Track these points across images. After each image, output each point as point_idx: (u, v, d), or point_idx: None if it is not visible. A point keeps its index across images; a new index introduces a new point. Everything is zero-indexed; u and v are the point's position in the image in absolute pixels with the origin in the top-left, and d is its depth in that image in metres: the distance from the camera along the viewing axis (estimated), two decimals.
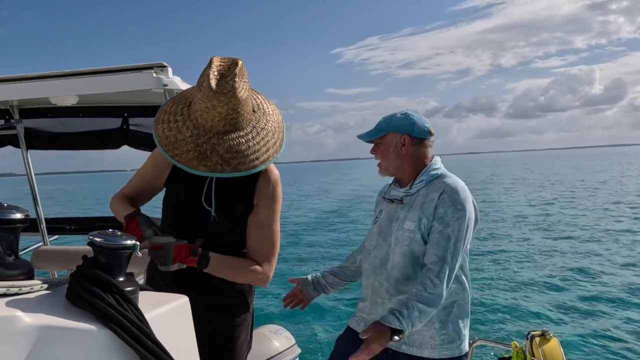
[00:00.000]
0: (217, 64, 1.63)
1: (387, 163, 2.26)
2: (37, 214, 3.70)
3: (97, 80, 2.43)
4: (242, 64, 1.64)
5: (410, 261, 2.15)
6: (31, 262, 3.28)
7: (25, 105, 3.35)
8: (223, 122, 1.61)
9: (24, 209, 1.09)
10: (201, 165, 1.60)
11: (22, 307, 0.96)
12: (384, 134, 2.24)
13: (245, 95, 1.62)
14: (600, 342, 6.39)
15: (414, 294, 2.03)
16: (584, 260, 11.45)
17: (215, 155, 1.60)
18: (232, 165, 1.61)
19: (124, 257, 1.09)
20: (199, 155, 1.60)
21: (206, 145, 1.60)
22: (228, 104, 1.58)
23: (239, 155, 1.62)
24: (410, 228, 2.15)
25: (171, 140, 1.64)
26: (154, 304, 1.11)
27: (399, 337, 1.98)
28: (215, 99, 1.57)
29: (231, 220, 1.87)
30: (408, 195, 2.22)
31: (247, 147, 1.64)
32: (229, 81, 1.58)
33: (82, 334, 0.95)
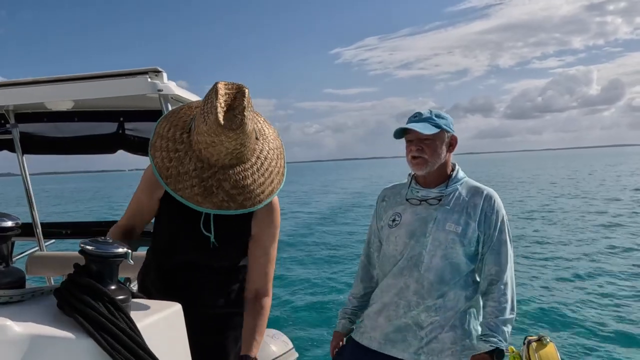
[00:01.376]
0: (222, 93, 1.53)
1: (435, 160, 2.17)
2: (33, 219, 3.68)
3: (92, 85, 2.43)
4: (248, 92, 1.56)
5: (451, 264, 2.13)
6: (26, 267, 3.26)
7: (21, 110, 3.34)
8: (229, 156, 1.54)
9: (15, 217, 1.08)
10: (207, 202, 1.53)
11: (11, 315, 0.95)
12: (439, 130, 2.16)
13: (252, 127, 1.56)
14: (598, 348, 6.38)
15: (491, 312, 2.10)
16: (582, 264, 11.44)
17: (221, 192, 1.53)
18: (238, 201, 1.55)
19: (116, 265, 1.08)
20: (204, 192, 1.52)
21: (211, 181, 1.53)
22: (236, 140, 1.51)
23: (245, 191, 1.56)
24: (455, 230, 2.13)
25: (173, 172, 1.55)
26: (146, 312, 1.10)
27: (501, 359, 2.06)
28: (224, 135, 1.48)
29: (230, 245, 1.83)
30: (444, 196, 2.20)
31: (252, 181, 1.58)
32: (238, 115, 1.49)
33: (72, 343, 0.95)
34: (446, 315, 2.13)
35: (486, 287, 2.14)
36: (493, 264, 2.13)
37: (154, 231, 1.92)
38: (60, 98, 2.61)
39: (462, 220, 2.14)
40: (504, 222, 2.17)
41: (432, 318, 2.13)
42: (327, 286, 10.11)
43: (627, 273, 10.30)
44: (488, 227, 2.14)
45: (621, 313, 7.72)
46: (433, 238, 2.15)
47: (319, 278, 10.83)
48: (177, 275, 1.85)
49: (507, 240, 2.16)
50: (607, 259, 11.87)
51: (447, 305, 2.13)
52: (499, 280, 2.11)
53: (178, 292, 1.81)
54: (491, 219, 2.15)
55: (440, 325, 2.13)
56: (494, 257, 2.13)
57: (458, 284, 2.14)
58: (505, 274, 2.11)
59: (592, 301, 8.40)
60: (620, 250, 12.90)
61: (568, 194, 30.74)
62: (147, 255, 2.00)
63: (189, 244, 1.81)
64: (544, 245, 13.94)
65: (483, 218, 2.14)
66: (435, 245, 2.14)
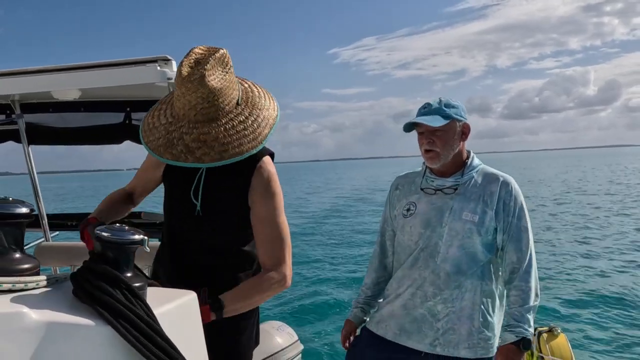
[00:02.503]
0: (196, 52, 1.60)
1: (447, 152, 2.13)
2: (39, 210, 3.68)
3: (100, 73, 2.40)
4: (224, 53, 1.59)
5: (467, 254, 2.10)
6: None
7: (27, 100, 3.32)
8: (194, 111, 1.57)
9: (29, 204, 1.06)
10: (167, 153, 1.59)
11: (28, 303, 0.94)
12: (450, 121, 2.11)
13: (219, 85, 1.56)
14: (609, 338, 6.37)
15: (515, 301, 2.08)
16: (592, 255, 11.43)
17: (181, 144, 1.57)
18: (195, 155, 1.56)
19: (132, 252, 1.07)
20: (167, 143, 1.59)
21: (175, 134, 1.59)
22: (196, 92, 1.54)
23: (204, 146, 1.56)
24: (472, 220, 2.09)
25: (149, 126, 1.66)
26: (162, 299, 1.09)
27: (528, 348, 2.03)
28: (184, 86, 1.54)
29: (217, 216, 1.80)
30: (461, 185, 2.16)
31: (214, 139, 1.57)
32: (200, 69, 1.53)
33: (89, 330, 0.93)
34: (462, 305, 2.10)
35: (508, 275, 2.12)
36: (514, 251, 2.10)
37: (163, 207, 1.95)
38: (66, 87, 2.59)
39: (478, 208, 2.10)
40: (522, 209, 2.13)
41: (449, 309, 2.11)
42: (332, 279, 10.13)
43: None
44: (507, 215, 2.11)
45: (633, 303, 7.71)
46: (450, 228, 2.11)
47: (324, 271, 10.86)
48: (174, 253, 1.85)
49: (527, 227, 2.13)
50: (623, 250, 11.87)
51: (464, 296, 2.10)
52: (520, 268, 2.09)
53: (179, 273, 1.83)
54: (509, 206, 2.11)
55: (457, 316, 2.10)
56: (514, 245, 2.10)
57: (475, 274, 2.11)
58: (526, 261, 2.09)
59: (603, 292, 8.39)
60: (632, 240, 12.91)
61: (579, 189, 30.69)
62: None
63: (179, 211, 1.85)
64: (556, 235, 13.94)
65: (501, 206, 2.11)
66: (452, 235, 2.11)
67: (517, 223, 2.12)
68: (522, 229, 2.12)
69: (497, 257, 2.16)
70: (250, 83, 1.78)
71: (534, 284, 2.10)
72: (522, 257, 2.10)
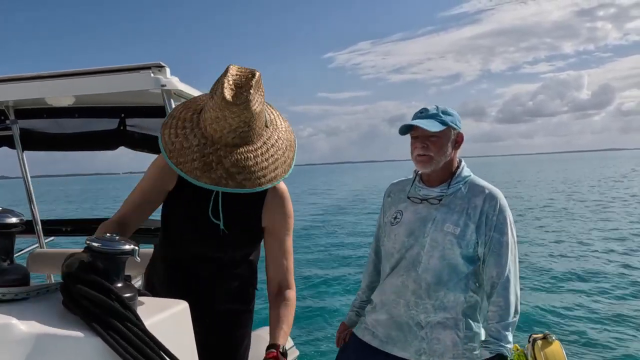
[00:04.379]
0: (233, 73, 1.55)
1: (440, 158, 2.13)
2: (33, 216, 3.66)
3: (94, 80, 2.40)
4: (260, 76, 1.57)
5: (448, 265, 2.10)
6: (27, 265, 3.25)
7: (21, 106, 3.31)
8: (233, 134, 1.52)
9: (19, 213, 1.06)
10: (205, 177, 1.50)
11: (16, 314, 0.93)
12: (445, 127, 2.12)
13: (259, 109, 1.55)
14: (603, 346, 6.37)
15: (492, 316, 2.06)
16: (587, 261, 11.44)
17: (220, 168, 1.51)
18: (237, 180, 1.52)
19: (122, 262, 1.06)
20: (204, 166, 1.51)
21: (212, 157, 1.52)
22: (240, 117, 1.50)
23: (245, 171, 1.53)
24: (453, 232, 2.09)
25: (177, 147, 1.55)
26: (153, 310, 1.08)
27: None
28: (228, 109, 1.49)
29: (240, 232, 1.82)
30: (445, 196, 2.16)
31: (254, 163, 1.55)
32: (244, 93, 1.50)
33: (78, 341, 0.93)
34: (446, 316, 2.10)
35: (489, 290, 2.11)
36: (494, 266, 2.08)
37: (163, 224, 1.90)
38: (61, 93, 2.59)
39: (461, 221, 2.10)
40: (505, 224, 2.10)
41: (431, 318, 2.11)
42: (328, 285, 10.11)
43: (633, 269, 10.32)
44: (489, 229, 2.09)
45: (626, 310, 7.72)
46: (431, 238, 2.11)
47: (320, 277, 10.83)
48: (183, 269, 1.84)
49: (508, 241, 2.09)
50: (614, 256, 11.89)
51: (447, 307, 2.10)
52: (499, 283, 2.07)
53: (184, 287, 1.80)
54: (492, 220, 2.09)
55: (441, 325, 2.10)
56: (494, 259, 2.08)
57: (457, 286, 2.11)
58: (505, 277, 2.06)
59: (597, 298, 8.41)
60: (626, 247, 12.93)
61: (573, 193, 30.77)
62: (155, 252, 1.98)
63: (198, 232, 1.80)
64: (549, 243, 13.95)
65: (484, 220, 2.09)
66: (432, 245, 2.11)
67: (498, 237, 2.09)
68: (503, 243, 2.09)
69: (480, 269, 2.15)
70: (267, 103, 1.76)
71: (513, 299, 2.06)
72: (501, 272, 2.07)
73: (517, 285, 2.10)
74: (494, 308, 2.06)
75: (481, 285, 2.16)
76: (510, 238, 2.11)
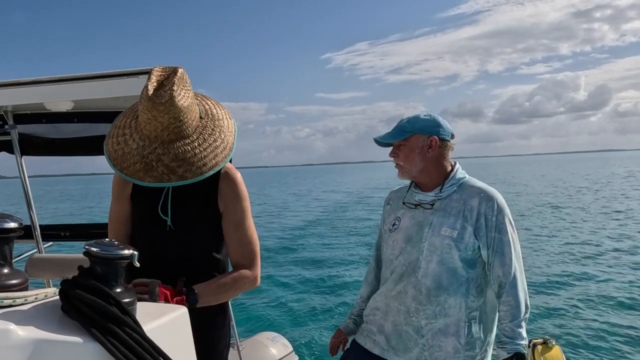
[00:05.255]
0: (156, 75, 1.63)
1: (410, 166, 2.18)
2: (32, 221, 3.65)
3: (93, 85, 2.40)
4: (182, 72, 1.64)
5: (447, 269, 2.10)
6: (25, 269, 3.24)
7: (20, 111, 3.31)
8: (167, 131, 1.60)
9: (18, 218, 1.05)
10: (147, 177, 1.60)
11: (15, 319, 0.93)
12: (409, 135, 2.17)
13: (186, 103, 1.61)
14: (603, 351, 6.36)
15: (504, 316, 2.07)
16: (587, 266, 11.44)
17: (160, 165, 1.60)
18: (178, 173, 1.61)
19: (121, 268, 1.06)
20: (145, 167, 1.61)
21: (152, 156, 1.61)
22: (168, 113, 1.58)
23: (185, 163, 1.61)
24: (450, 235, 2.09)
25: (119, 154, 1.66)
26: (152, 315, 1.08)
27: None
28: (155, 109, 1.56)
29: (189, 228, 1.85)
30: (439, 200, 2.16)
31: (193, 155, 1.63)
32: (167, 90, 1.57)
33: (77, 347, 0.92)
34: (447, 322, 2.10)
35: (497, 290, 2.11)
36: (499, 266, 2.09)
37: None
38: (59, 98, 2.59)
39: (458, 224, 2.10)
40: (504, 223, 2.11)
41: (432, 325, 2.11)
42: (327, 288, 10.09)
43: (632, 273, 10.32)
44: (489, 230, 2.09)
45: (628, 315, 7.72)
46: (429, 243, 2.12)
47: (319, 280, 10.81)
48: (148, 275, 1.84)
49: (509, 240, 2.10)
50: (614, 260, 11.88)
51: (448, 312, 2.10)
52: (506, 282, 2.08)
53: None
54: (491, 221, 2.09)
55: (443, 332, 2.10)
56: (499, 259, 2.09)
57: (458, 291, 2.10)
58: (512, 275, 2.08)
59: (597, 303, 8.39)
60: (628, 250, 12.93)
61: (574, 192, 30.80)
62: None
63: (149, 229, 1.86)
64: (549, 246, 13.95)
65: (483, 221, 2.09)
66: (431, 250, 2.11)
67: (499, 237, 2.09)
68: (505, 242, 2.10)
69: (485, 272, 2.15)
70: (201, 96, 1.86)
71: (522, 296, 2.09)
72: (507, 271, 2.08)
73: (524, 282, 2.11)
74: (505, 307, 2.07)
75: (483, 290, 2.15)
76: (512, 236, 2.12)
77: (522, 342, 2.05)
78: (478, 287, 2.14)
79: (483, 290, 2.15)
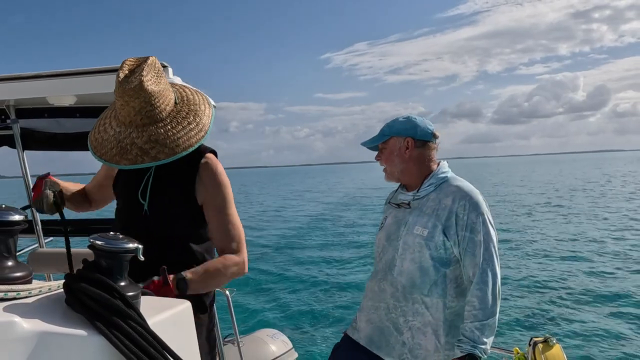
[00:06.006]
0: (128, 63, 1.71)
1: (392, 167, 2.24)
2: (33, 216, 3.65)
3: (95, 79, 2.40)
4: (154, 59, 1.72)
5: (419, 268, 2.11)
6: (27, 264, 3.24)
7: (22, 105, 3.30)
8: (139, 115, 1.67)
9: (22, 211, 1.05)
10: (123, 160, 1.67)
11: (20, 312, 0.93)
12: (387, 138, 2.23)
13: (156, 88, 1.68)
14: (604, 349, 6.37)
15: (466, 316, 2.04)
16: (587, 264, 11.45)
17: (135, 148, 1.67)
18: (151, 155, 1.67)
19: (126, 261, 1.06)
20: (121, 151, 1.68)
21: (126, 140, 1.68)
22: (139, 98, 1.65)
23: (158, 145, 1.67)
24: (421, 234, 2.10)
25: (99, 141, 1.75)
26: (156, 309, 1.08)
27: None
28: (126, 94, 1.64)
29: (164, 213, 1.88)
30: (416, 199, 2.18)
31: (166, 137, 1.69)
32: (137, 76, 1.64)
33: (82, 340, 0.92)
34: (425, 320, 2.10)
35: (467, 290, 2.09)
36: (470, 266, 2.07)
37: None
38: (62, 93, 2.58)
39: (430, 223, 2.10)
40: (478, 222, 2.07)
41: (411, 322, 2.12)
42: (327, 286, 10.11)
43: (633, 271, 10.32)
44: (459, 229, 2.07)
45: (628, 313, 7.72)
46: (403, 242, 2.15)
47: (319, 278, 10.83)
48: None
49: (481, 240, 2.06)
50: (615, 259, 11.90)
51: (425, 311, 2.10)
52: (474, 283, 2.05)
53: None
54: (463, 219, 2.08)
55: (421, 331, 2.11)
56: (469, 259, 2.07)
57: (434, 290, 2.10)
58: (480, 276, 2.04)
59: (599, 302, 8.40)
60: (628, 250, 12.94)
61: (574, 193, 30.79)
62: None
63: (128, 213, 1.94)
64: (549, 245, 13.96)
65: (454, 220, 2.08)
66: (404, 248, 2.14)
67: (470, 237, 2.07)
68: (476, 243, 2.06)
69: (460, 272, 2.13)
70: (179, 85, 1.93)
71: (490, 299, 2.02)
72: (476, 272, 2.05)
73: (496, 285, 2.05)
74: (468, 307, 2.04)
75: (463, 289, 2.14)
76: (485, 236, 2.07)
77: (481, 345, 1.99)
78: (457, 288, 2.13)
79: (463, 291, 2.13)
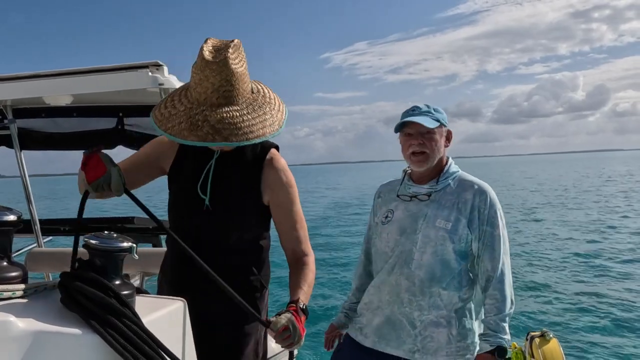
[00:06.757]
0: (213, 41, 1.63)
1: (435, 154, 2.15)
2: (31, 215, 3.66)
3: (92, 79, 2.40)
4: (239, 42, 1.64)
5: (441, 261, 2.10)
6: (25, 264, 3.24)
7: (19, 105, 3.30)
8: (216, 94, 1.58)
9: (17, 211, 1.06)
10: (192, 135, 1.55)
11: (15, 311, 0.93)
12: (439, 124, 2.15)
13: (240, 69, 1.60)
14: (601, 343, 6.37)
15: (490, 309, 2.07)
16: (584, 259, 11.46)
17: (206, 126, 1.56)
18: (223, 135, 1.56)
19: (120, 260, 1.06)
20: (190, 126, 1.56)
21: (198, 117, 1.57)
22: (220, 74, 1.56)
23: (231, 127, 1.57)
24: (444, 227, 2.09)
25: (165, 116, 1.62)
26: (150, 307, 1.09)
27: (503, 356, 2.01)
28: (208, 68, 1.55)
29: (227, 209, 1.82)
30: (435, 192, 2.16)
31: (241, 120, 1.60)
32: (223, 52, 1.57)
33: (76, 338, 0.93)
34: (439, 313, 2.10)
35: (484, 283, 2.11)
36: (489, 260, 2.09)
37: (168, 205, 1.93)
38: (59, 92, 2.58)
39: (452, 216, 2.11)
40: (496, 217, 2.12)
41: (425, 316, 2.11)
42: (327, 283, 10.12)
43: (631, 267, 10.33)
44: (481, 223, 2.10)
45: (624, 308, 7.73)
46: (423, 235, 2.12)
47: (319, 275, 10.83)
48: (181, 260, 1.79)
49: (500, 234, 2.11)
50: (611, 255, 11.90)
51: (440, 304, 2.10)
52: (494, 276, 2.08)
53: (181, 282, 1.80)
54: (484, 214, 2.10)
55: (434, 323, 2.10)
56: (489, 253, 2.10)
57: (451, 283, 2.11)
58: (500, 269, 2.08)
59: (595, 296, 8.41)
60: (624, 246, 12.95)
61: (570, 192, 30.81)
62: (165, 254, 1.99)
63: (187, 206, 1.84)
64: (549, 242, 13.97)
65: (476, 214, 2.10)
66: (425, 242, 2.11)
67: (491, 231, 2.10)
68: (496, 237, 2.10)
69: (474, 265, 2.15)
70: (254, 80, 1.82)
71: (509, 291, 2.09)
72: (495, 265, 2.08)
73: (510, 278, 2.12)
74: (491, 301, 2.07)
75: (474, 282, 2.16)
76: (502, 231, 2.13)
77: (505, 336, 2.04)
78: (469, 280, 2.15)
79: (474, 282, 2.16)
